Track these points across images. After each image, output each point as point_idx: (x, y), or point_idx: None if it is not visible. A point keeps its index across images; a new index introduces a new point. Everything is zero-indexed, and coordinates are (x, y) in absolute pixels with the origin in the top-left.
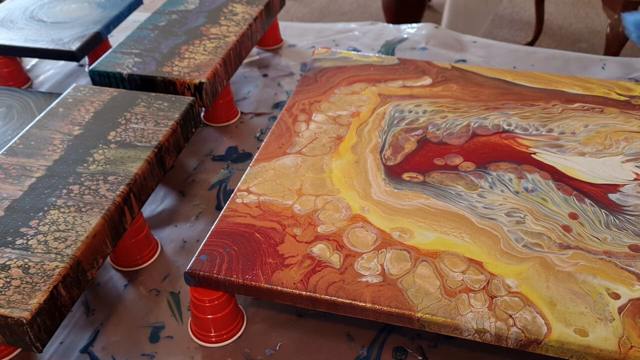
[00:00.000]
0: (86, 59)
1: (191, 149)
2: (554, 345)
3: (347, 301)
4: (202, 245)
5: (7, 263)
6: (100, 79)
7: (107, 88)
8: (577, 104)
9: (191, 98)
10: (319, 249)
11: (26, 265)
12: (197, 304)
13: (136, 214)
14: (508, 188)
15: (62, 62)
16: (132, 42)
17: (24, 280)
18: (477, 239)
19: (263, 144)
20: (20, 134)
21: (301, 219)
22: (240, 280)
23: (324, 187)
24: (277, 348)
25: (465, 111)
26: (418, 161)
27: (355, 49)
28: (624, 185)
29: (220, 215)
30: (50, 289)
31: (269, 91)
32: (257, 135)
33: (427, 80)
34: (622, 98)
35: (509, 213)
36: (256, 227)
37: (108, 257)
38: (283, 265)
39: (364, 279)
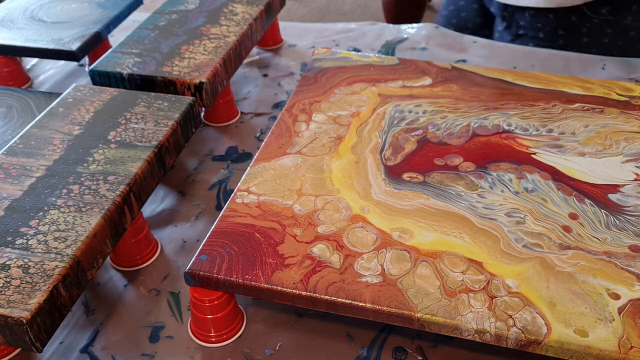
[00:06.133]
0: (86, 59)
1: (191, 149)
2: (553, 346)
3: (347, 301)
4: (202, 245)
5: (7, 263)
6: (100, 78)
7: (107, 88)
8: (577, 104)
9: (191, 98)
10: (319, 249)
11: (26, 265)
12: (197, 304)
13: (136, 214)
14: (508, 188)
15: (62, 62)
16: (132, 42)
17: (24, 280)
18: (477, 239)
19: (263, 144)
20: (20, 133)
21: (301, 219)
22: (240, 280)
23: (324, 187)
24: (277, 348)
25: (465, 111)
26: (418, 161)
27: (355, 49)
28: (624, 185)
29: (220, 215)
30: (50, 289)
31: (269, 91)
32: (257, 135)
33: (427, 81)
34: (622, 98)
35: (509, 213)
36: (256, 227)
37: (108, 257)
38: (283, 265)
39: (364, 279)
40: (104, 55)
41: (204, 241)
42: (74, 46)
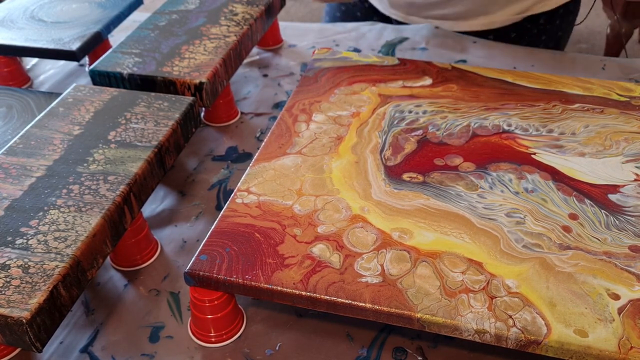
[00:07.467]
0: (86, 59)
1: (191, 149)
2: (553, 346)
3: (347, 301)
4: (202, 245)
5: (7, 263)
6: (101, 78)
7: (107, 88)
8: (577, 105)
9: (191, 98)
10: (319, 249)
11: (26, 265)
12: (197, 304)
13: (136, 214)
14: (508, 188)
15: (62, 62)
16: (132, 42)
17: (24, 280)
18: (477, 240)
19: (263, 144)
20: (20, 133)
21: (301, 219)
22: (240, 281)
23: (324, 187)
24: (277, 348)
25: (465, 111)
26: (418, 161)
27: (355, 49)
28: (624, 185)
29: (220, 215)
30: (50, 289)
31: (269, 91)
32: (257, 135)
33: (427, 81)
34: (622, 99)
35: (509, 213)
36: (256, 227)
37: (108, 257)
38: (283, 266)
39: (363, 279)
40: (104, 55)
41: (204, 241)
42: (74, 46)
